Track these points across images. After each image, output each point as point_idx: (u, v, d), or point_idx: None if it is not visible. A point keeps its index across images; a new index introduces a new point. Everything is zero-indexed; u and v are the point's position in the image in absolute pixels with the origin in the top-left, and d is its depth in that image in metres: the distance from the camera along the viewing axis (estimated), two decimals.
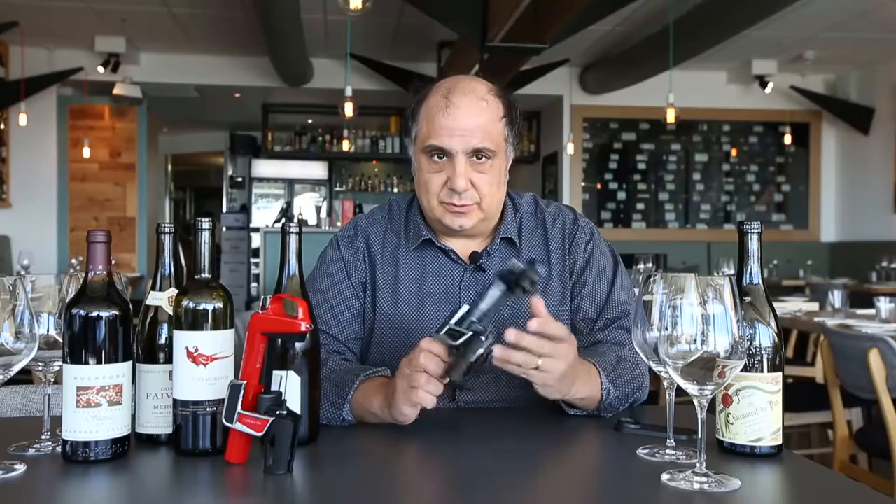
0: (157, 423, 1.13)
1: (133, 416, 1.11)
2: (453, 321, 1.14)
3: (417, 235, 1.48)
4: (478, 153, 1.37)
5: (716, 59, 7.36)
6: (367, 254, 1.51)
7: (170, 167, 11.56)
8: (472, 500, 0.95)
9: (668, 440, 1.10)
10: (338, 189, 10.54)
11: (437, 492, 1.02)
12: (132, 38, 7.18)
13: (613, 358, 1.37)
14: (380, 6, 5.59)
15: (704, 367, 0.95)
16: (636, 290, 1.15)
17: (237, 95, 8.72)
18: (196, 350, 1.07)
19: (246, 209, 10.78)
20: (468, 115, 1.36)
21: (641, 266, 4.64)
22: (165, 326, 1.15)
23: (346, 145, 9.38)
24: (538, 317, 1.15)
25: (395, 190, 10.36)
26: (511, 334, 1.12)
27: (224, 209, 11.38)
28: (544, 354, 1.15)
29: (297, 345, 1.14)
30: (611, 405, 1.31)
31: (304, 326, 1.04)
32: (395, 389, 1.20)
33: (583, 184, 8.25)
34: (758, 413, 1.07)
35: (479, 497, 0.95)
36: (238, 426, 1.01)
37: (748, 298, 1.09)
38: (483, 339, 1.12)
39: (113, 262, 1.12)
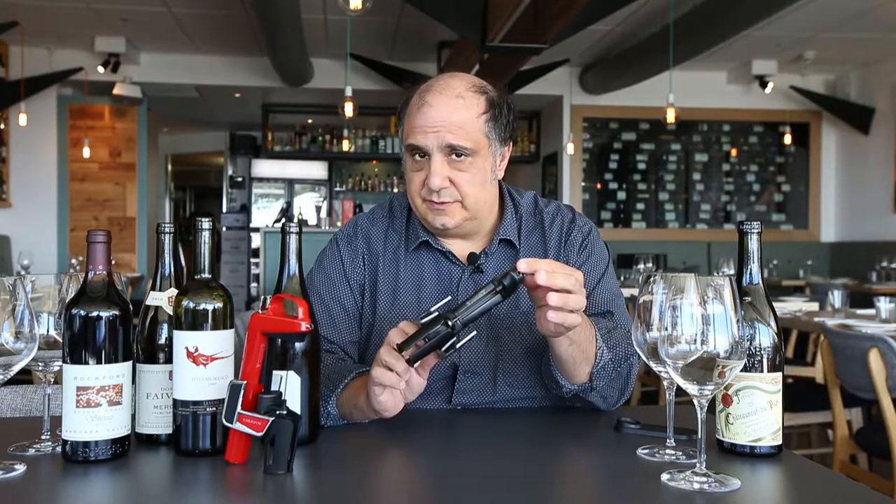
0: (157, 423, 1.13)
1: (133, 416, 1.11)
2: (434, 307, 1.15)
3: (416, 237, 1.47)
4: (455, 151, 1.35)
5: (716, 59, 7.36)
6: (367, 254, 1.49)
7: (170, 167, 11.56)
8: (471, 500, 0.95)
9: (668, 440, 1.10)
10: (338, 189, 10.54)
11: (436, 492, 1.01)
12: (132, 38, 7.18)
13: (608, 325, 1.38)
14: (380, 6, 5.59)
15: (704, 367, 0.95)
16: (634, 292, 1.15)
17: (237, 95, 8.72)
18: (196, 350, 1.07)
19: (246, 209, 10.79)
20: (441, 113, 1.35)
21: (641, 266, 4.65)
22: (165, 326, 1.15)
23: (346, 145, 9.38)
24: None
25: (395, 190, 10.34)
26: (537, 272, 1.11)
27: (224, 209, 11.38)
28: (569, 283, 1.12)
29: (297, 345, 1.14)
30: (603, 369, 1.29)
31: (304, 326, 1.04)
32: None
33: (583, 184, 8.26)
34: (758, 413, 1.07)
35: (479, 497, 0.95)
36: (238, 426, 1.01)
37: (748, 298, 1.09)
38: (449, 324, 1.11)
39: (113, 262, 1.12)
